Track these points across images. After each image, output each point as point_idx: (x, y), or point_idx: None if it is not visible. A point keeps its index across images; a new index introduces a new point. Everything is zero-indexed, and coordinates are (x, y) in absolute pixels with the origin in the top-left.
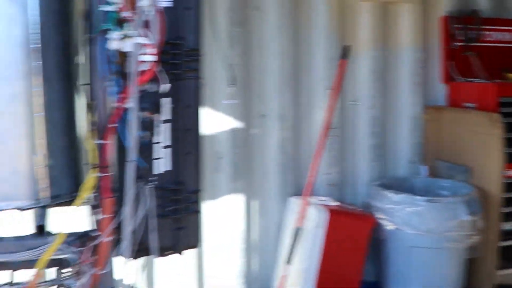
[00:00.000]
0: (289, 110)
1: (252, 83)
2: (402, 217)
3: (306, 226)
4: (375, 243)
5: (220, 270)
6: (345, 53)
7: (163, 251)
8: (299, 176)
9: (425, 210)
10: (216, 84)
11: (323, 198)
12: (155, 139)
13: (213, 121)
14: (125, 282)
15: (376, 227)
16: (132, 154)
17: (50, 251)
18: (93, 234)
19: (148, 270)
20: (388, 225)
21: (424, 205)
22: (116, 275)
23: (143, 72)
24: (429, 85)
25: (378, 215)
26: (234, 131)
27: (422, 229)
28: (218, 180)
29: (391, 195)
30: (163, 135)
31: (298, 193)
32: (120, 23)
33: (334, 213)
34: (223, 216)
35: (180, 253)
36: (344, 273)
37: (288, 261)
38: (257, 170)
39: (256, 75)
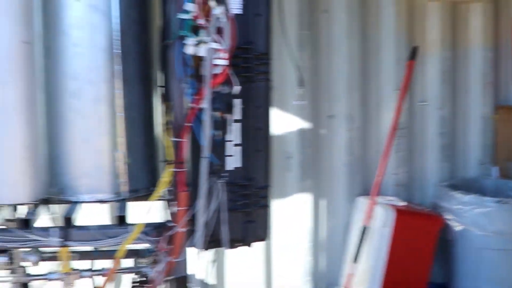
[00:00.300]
0: (357, 111)
1: (321, 85)
2: (471, 218)
3: (373, 225)
4: (443, 244)
5: (287, 267)
6: (413, 54)
7: (233, 243)
8: (366, 176)
9: (494, 212)
10: (285, 85)
11: (390, 198)
12: (227, 138)
13: (282, 122)
14: (197, 272)
15: (444, 228)
16: (206, 151)
17: (129, 240)
18: (169, 225)
19: (219, 261)
20: (456, 226)
21: (493, 206)
22: (189, 265)
23: (216, 75)
24: (500, 85)
25: (446, 216)
26: (302, 132)
27: (491, 231)
28: (286, 179)
29: (460, 196)
30: (234, 134)
31: (365, 193)
32: (195, 30)
33: (401, 212)
34: (291, 215)
35: (249, 245)
36: (411, 273)
37: (355, 260)
38: (325, 170)
39: (324, 76)
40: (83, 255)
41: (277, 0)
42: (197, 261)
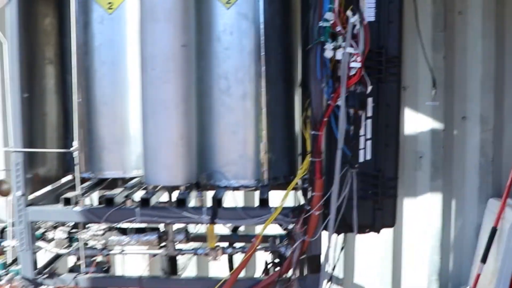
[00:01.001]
0: (491, 112)
1: (454, 86)
2: None
3: (503, 227)
4: None
5: (415, 266)
6: None
7: (362, 229)
8: (498, 178)
9: None
10: (419, 86)
11: None
12: (359, 132)
13: (415, 122)
14: (329, 254)
15: None
16: (340, 143)
17: (270, 220)
18: (305, 209)
19: (349, 257)
20: None
21: None
22: (322, 246)
23: (351, 76)
24: None
25: None
26: (435, 132)
27: None
28: (417, 178)
29: None
30: (365, 129)
31: (497, 194)
32: (333, 36)
33: None
34: (420, 213)
35: (378, 232)
36: None
37: (483, 260)
38: (456, 170)
39: (458, 77)
40: (223, 238)
41: (413, 3)
42: (329, 243)
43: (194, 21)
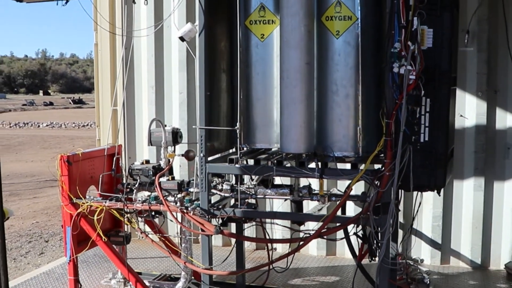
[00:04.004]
0: None
1: None
2: None
3: None
4: None
5: (501, 238)
6: None
7: (422, 188)
8: None
9: None
10: (508, 90)
11: None
12: (417, 121)
13: (504, 119)
14: (393, 203)
15: None
16: (402, 127)
17: (358, 176)
18: (380, 170)
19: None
20: None
21: None
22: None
23: (409, 84)
24: None
25: None
26: None
27: None
28: (506, 166)
29: None
30: (424, 119)
31: None
32: (400, 58)
33: None
34: (508, 195)
35: (432, 190)
36: None
37: None
38: None
39: None
40: (338, 196)
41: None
42: (392, 201)
43: (315, 47)
